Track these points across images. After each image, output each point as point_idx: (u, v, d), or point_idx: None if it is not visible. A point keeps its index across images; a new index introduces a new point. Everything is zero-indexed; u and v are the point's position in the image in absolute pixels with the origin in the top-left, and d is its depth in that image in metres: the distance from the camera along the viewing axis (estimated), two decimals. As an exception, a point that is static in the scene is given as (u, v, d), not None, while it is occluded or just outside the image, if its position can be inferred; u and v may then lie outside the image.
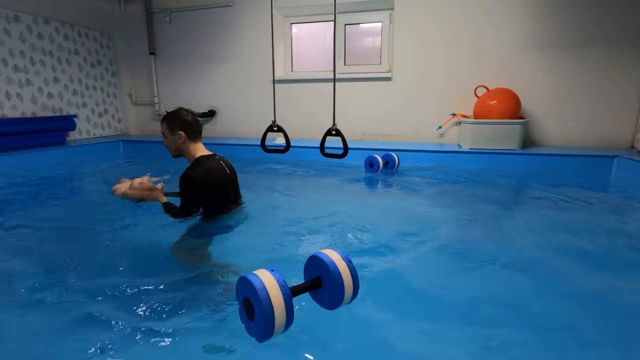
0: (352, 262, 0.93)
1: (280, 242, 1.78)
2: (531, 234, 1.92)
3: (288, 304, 0.82)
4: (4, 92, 3.68)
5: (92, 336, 1.07)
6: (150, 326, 1.11)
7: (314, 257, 0.95)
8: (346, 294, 0.90)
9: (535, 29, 3.61)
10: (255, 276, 0.84)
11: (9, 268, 1.53)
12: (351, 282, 0.90)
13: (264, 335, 0.81)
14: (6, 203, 2.48)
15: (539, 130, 3.78)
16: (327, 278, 0.90)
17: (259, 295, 0.80)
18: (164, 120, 1.87)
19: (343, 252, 0.94)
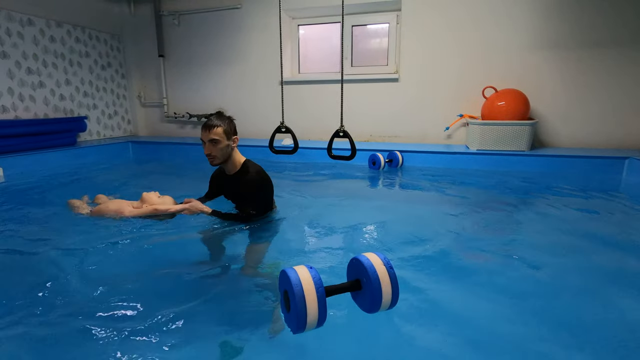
0: (394, 269, 0.92)
1: (300, 242, 1.81)
2: (540, 237, 1.89)
3: (321, 302, 0.86)
4: (18, 94, 3.75)
5: (116, 328, 1.09)
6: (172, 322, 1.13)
7: (355, 259, 0.96)
8: (384, 299, 0.90)
9: (543, 29, 3.58)
10: (294, 272, 0.89)
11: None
12: (390, 288, 0.90)
13: (297, 328, 0.86)
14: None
15: (548, 132, 3.74)
16: (365, 281, 0.92)
17: (294, 290, 0.85)
18: (215, 126, 1.79)
19: (385, 257, 0.94)
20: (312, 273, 0.89)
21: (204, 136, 1.82)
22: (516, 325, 1.18)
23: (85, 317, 1.18)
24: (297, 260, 1.62)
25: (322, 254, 1.68)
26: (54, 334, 1.11)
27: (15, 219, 2.16)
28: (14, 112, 3.72)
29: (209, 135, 1.80)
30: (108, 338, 1.07)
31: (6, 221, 2.11)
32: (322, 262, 1.58)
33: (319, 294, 0.86)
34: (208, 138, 1.81)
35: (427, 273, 1.49)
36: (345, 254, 1.65)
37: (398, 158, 3.40)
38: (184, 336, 1.09)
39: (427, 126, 4.10)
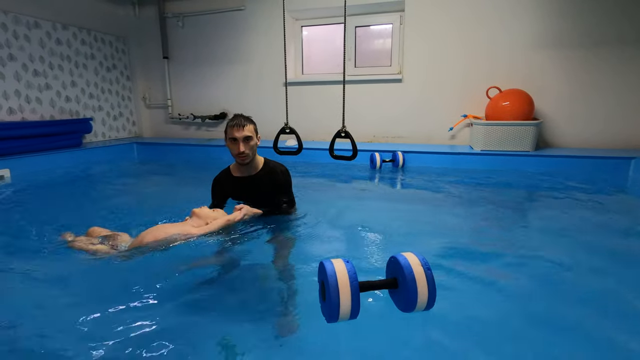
0: (431, 270, 0.92)
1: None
2: (545, 238, 1.88)
3: (354, 295, 0.88)
4: (24, 96, 3.80)
5: (124, 319, 1.10)
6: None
7: (393, 258, 0.97)
8: (420, 300, 0.90)
9: (548, 28, 3.56)
10: (330, 263, 0.93)
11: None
12: (426, 289, 0.90)
13: (330, 317, 0.90)
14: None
15: (552, 132, 3.72)
16: (401, 281, 0.93)
17: (329, 281, 0.89)
18: (247, 124, 1.81)
19: (424, 258, 0.94)
20: (347, 266, 0.92)
21: (237, 133, 1.79)
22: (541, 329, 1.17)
23: (91, 314, 1.19)
24: (318, 255, 1.62)
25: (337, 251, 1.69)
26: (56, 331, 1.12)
27: (20, 219, 2.19)
28: (20, 114, 3.77)
29: (243, 132, 1.79)
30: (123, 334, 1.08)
31: (14, 221, 2.13)
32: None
33: (352, 286, 0.89)
34: (242, 135, 1.79)
35: (449, 275, 1.48)
36: (363, 252, 1.65)
37: (398, 158, 3.41)
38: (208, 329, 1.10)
39: (430, 127, 4.09)
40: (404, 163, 3.44)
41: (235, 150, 1.82)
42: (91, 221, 2.05)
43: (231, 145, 1.84)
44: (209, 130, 5.06)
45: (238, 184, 1.92)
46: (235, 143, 1.81)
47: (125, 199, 2.92)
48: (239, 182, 1.92)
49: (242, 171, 1.93)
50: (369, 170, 3.48)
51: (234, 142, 1.82)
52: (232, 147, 1.84)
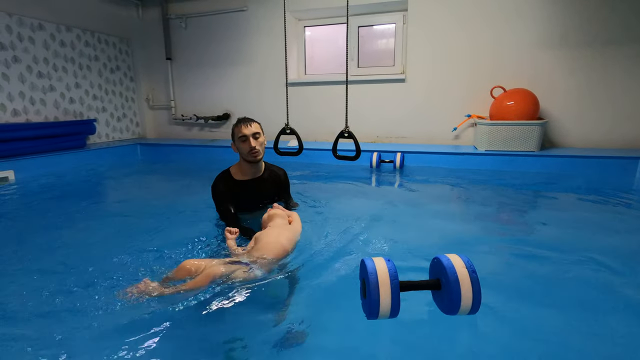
0: (477, 273, 0.91)
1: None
2: (551, 241, 1.84)
3: (395, 293, 0.89)
4: (29, 98, 3.82)
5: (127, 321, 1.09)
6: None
7: (436, 259, 0.96)
8: (463, 303, 0.89)
9: (554, 27, 3.52)
10: (371, 261, 0.94)
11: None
12: (470, 292, 0.88)
13: (369, 314, 0.91)
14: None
15: (558, 131, 3.67)
16: (444, 282, 0.92)
17: (370, 279, 0.90)
18: (253, 121, 1.87)
19: (469, 260, 0.93)
20: (388, 265, 0.93)
21: (246, 130, 1.81)
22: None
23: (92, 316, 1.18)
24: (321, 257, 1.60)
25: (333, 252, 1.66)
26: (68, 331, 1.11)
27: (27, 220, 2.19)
28: (25, 116, 3.79)
29: (252, 129, 1.82)
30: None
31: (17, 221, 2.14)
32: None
33: (393, 285, 0.89)
34: (252, 132, 1.82)
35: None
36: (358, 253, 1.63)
37: (395, 159, 3.39)
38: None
39: (434, 127, 4.06)
40: (402, 163, 3.40)
41: (247, 147, 1.82)
42: (97, 222, 2.05)
43: (242, 144, 1.84)
44: (212, 131, 5.06)
45: (242, 187, 1.90)
46: (245, 140, 1.82)
47: (130, 200, 2.92)
48: (244, 185, 1.90)
49: (247, 174, 1.91)
50: (370, 170, 3.46)
51: (245, 140, 1.83)
52: (243, 145, 1.83)
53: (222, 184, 1.90)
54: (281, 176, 2.02)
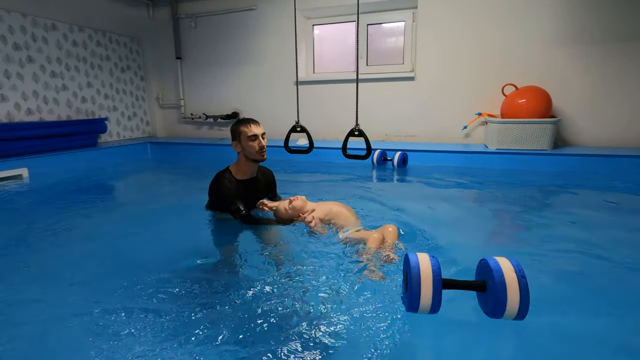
0: (526, 278, 0.89)
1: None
2: (563, 243, 1.79)
3: (436, 289, 0.90)
4: (42, 97, 3.88)
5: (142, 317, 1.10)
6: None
7: (483, 260, 0.95)
8: (509, 307, 0.87)
9: (566, 23, 3.46)
10: (415, 256, 0.95)
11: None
12: (517, 297, 0.86)
13: (409, 307, 0.93)
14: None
15: (571, 130, 3.61)
16: (490, 284, 0.91)
17: (412, 272, 0.91)
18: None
19: (518, 264, 0.91)
20: (432, 261, 0.94)
21: (257, 130, 1.87)
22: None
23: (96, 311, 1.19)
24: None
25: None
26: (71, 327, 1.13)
27: (37, 218, 2.23)
28: (38, 114, 3.85)
29: (261, 129, 1.90)
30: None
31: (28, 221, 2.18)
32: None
33: (435, 280, 0.90)
34: (262, 131, 1.89)
35: None
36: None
37: (394, 158, 3.37)
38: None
39: (444, 125, 4.03)
40: (400, 162, 3.35)
41: (257, 146, 1.86)
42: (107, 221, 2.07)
43: (252, 143, 1.86)
44: (221, 130, 5.09)
45: (242, 185, 1.94)
46: (256, 139, 1.87)
47: (141, 196, 2.95)
48: (244, 184, 1.95)
49: (246, 173, 1.96)
50: (377, 168, 3.45)
51: (255, 139, 1.86)
52: (253, 144, 1.86)
53: (228, 183, 1.89)
54: (272, 176, 2.14)
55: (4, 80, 3.53)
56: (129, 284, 1.35)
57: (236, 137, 1.90)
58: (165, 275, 1.42)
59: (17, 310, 1.25)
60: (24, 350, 1.06)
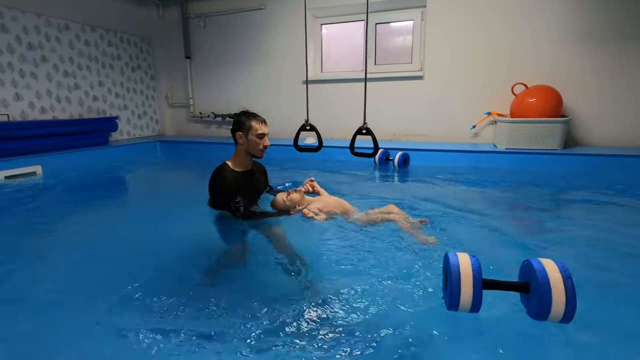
0: (572, 280, 0.87)
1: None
2: (574, 245, 1.75)
3: (476, 288, 0.90)
4: (55, 96, 3.95)
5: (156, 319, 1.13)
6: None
7: (527, 262, 0.95)
8: (554, 309, 0.85)
9: (577, 21, 3.42)
10: (455, 255, 0.96)
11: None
12: (563, 299, 0.85)
13: (449, 306, 0.93)
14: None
15: (582, 129, 3.57)
16: (534, 286, 0.90)
17: (451, 270, 0.92)
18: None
19: (564, 265, 0.90)
20: (472, 260, 0.94)
21: (266, 129, 1.95)
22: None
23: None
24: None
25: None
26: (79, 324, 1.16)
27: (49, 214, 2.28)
28: (52, 113, 3.93)
29: (269, 128, 1.98)
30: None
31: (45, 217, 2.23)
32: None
33: (475, 280, 0.90)
34: (268, 131, 1.98)
35: None
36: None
37: (395, 157, 3.35)
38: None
39: (452, 124, 4.01)
40: (400, 162, 3.34)
41: (263, 144, 1.95)
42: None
43: (258, 140, 1.93)
44: (229, 129, 5.11)
45: (242, 177, 2.02)
46: (263, 138, 1.94)
47: (151, 192, 3.00)
48: (242, 176, 2.02)
49: (243, 166, 2.02)
50: (382, 168, 3.44)
51: (262, 137, 1.94)
52: (259, 141, 1.93)
53: (227, 176, 1.93)
54: (262, 167, 2.27)
55: (19, 79, 3.61)
56: (136, 280, 1.37)
57: (244, 129, 1.93)
58: (180, 270, 1.45)
59: (29, 301, 1.28)
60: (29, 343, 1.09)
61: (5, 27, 3.46)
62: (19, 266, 1.55)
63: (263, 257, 1.63)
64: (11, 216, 2.20)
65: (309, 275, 1.41)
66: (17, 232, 1.95)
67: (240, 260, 1.64)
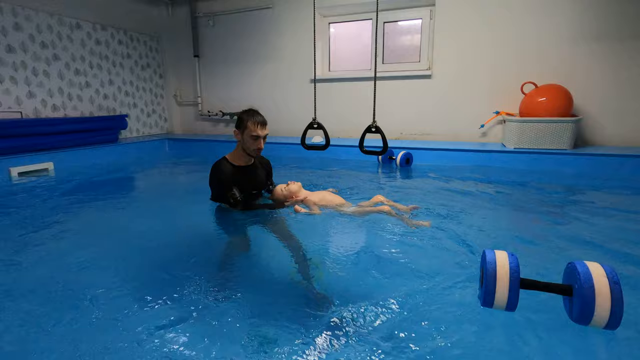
0: (620, 285, 0.84)
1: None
2: (585, 247, 1.72)
3: (513, 287, 0.89)
4: (67, 94, 4.02)
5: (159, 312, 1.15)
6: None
7: (571, 264, 0.93)
8: (597, 315, 0.83)
9: (588, 19, 3.37)
10: (492, 253, 0.95)
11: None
12: (608, 304, 0.82)
13: (483, 302, 0.93)
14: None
15: (593, 129, 3.53)
16: (577, 289, 0.88)
17: (487, 267, 0.92)
18: (266, 123, 2.02)
19: (612, 270, 0.87)
20: (510, 259, 0.93)
21: (261, 132, 1.95)
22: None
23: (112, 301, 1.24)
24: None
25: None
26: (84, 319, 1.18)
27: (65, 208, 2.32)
28: (63, 111, 3.99)
29: (265, 131, 1.98)
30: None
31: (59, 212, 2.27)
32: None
33: (512, 278, 0.89)
34: (265, 133, 1.98)
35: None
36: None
37: (397, 157, 3.35)
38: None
39: (460, 124, 3.99)
40: (402, 162, 3.33)
41: (256, 146, 1.97)
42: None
43: (251, 141, 1.96)
44: (236, 127, 5.15)
45: (241, 171, 2.06)
46: (257, 140, 1.96)
47: (160, 190, 3.03)
48: (242, 170, 2.07)
49: (245, 160, 2.08)
50: (390, 168, 3.44)
51: (256, 139, 1.96)
52: (253, 142, 1.97)
53: (227, 170, 2.00)
54: (269, 163, 2.29)
55: (32, 77, 3.67)
56: (142, 274, 1.40)
57: (241, 127, 1.98)
58: (190, 263, 1.47)
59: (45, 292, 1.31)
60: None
61: (19, 26, 3.53)
62: (24, 259, 1.59)
63: (264, 250, 1.66)
64: (24, 211, 2.25)
65: (311, 268, 1.43)
66: (30, 227, 1.99)
67: (241, 252, 1.67)
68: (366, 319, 1.11)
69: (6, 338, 1.07)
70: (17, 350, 1.03)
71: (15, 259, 1.58)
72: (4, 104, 3.47)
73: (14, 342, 1.06)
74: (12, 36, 3.48)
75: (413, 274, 1.39)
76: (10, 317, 1.16)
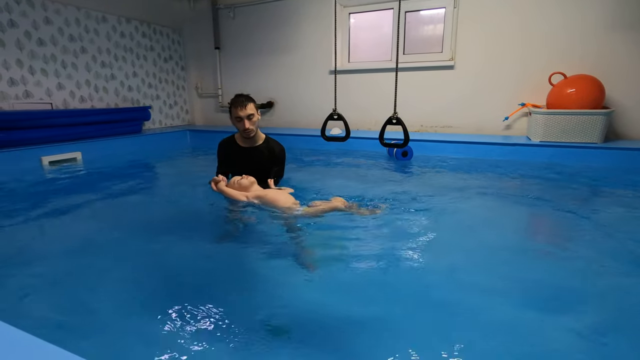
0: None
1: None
2: (614, 248, 1.63)
3: None
4: (94, 86, 4.14)
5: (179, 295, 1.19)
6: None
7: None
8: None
9: (621, 6, 3.20)
10: None
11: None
12: None
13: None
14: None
15: (625, 122, 3.37)
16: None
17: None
18: (248, 102, 2.10)
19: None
20: None
21: (241, 113, 2.06)
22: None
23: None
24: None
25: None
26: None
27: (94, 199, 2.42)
28: (90, 102, 4.12)
29: (247, 111, 2.08)
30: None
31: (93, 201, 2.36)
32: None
33: None
34: (246, 114, 2.08)
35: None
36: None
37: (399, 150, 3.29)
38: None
39: (483, 116, 3.88)
40: (398, 154, 3.29)
41: (241, 127, 2.10)
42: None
43: (237, 123, 2.12)
44: (256, 119, 5.19)
45: (242, 152, 2.19)
46: (240, 121, 2.09)
47: (181, 179, 3.11)
48: (243, 150, 2.19)
49: (247, 142, 2.20)
50: (408, 162, 3.39)
51: (239, 121, 2.10)
52: (238, 124, 2.12)
53: (224, 146, 2.25)
54: (276, 150, 2.27)
55: (61, 69, 3.80)
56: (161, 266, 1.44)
57: (230, 113, 2.15)
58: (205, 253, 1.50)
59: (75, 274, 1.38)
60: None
61: (49, 20, 3.65)
62: (58, 247, 1.66)
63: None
64: (55, 197, 2.35)
65: None
66: (60, 213, 2.09)
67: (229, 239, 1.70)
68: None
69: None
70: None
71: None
72: (36, 95, 3.61)
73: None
74: (42, 30, 3.60)
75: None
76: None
